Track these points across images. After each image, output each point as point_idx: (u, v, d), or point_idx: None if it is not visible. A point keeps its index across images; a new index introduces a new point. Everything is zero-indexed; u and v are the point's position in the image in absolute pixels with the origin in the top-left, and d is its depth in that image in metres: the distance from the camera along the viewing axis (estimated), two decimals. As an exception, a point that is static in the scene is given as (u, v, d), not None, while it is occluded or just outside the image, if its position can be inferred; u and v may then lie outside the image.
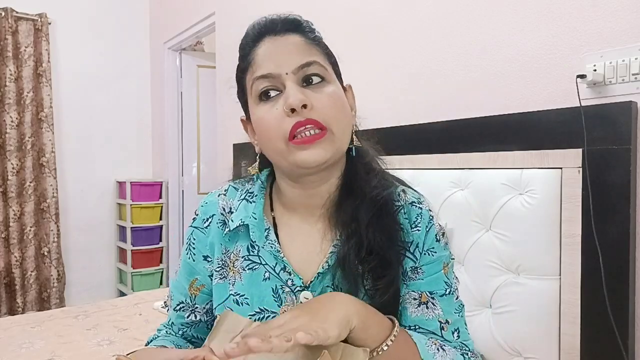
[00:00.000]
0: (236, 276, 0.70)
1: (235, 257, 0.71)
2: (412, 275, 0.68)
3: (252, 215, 0.70)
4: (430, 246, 0.69)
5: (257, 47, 0.67)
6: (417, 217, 0.69)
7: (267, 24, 0.68)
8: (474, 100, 1.56)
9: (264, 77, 0.64)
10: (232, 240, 0.72)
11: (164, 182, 3.84)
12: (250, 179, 0.76)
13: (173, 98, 3.78)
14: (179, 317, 0.78)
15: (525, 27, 1.41)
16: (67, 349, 1.57)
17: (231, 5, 2.91)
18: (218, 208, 0.74)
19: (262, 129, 0.65)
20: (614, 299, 1.11)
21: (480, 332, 1.40)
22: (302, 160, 0.62)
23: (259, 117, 0.65)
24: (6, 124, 3.30)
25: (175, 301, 0.78)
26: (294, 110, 0.61)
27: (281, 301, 0.67)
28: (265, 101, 0.65)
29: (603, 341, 1.13)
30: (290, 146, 0.62)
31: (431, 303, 0.68)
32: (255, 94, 0.65)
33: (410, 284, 0.69)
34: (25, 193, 3.39)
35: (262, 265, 0.69)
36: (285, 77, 0.63)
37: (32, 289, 3.41)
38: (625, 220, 1.12)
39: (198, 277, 0.75)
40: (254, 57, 0.66)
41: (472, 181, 1.43)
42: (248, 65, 0.67)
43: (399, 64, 1.83)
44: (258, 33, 0.68)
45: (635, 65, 1.16)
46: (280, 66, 0.63)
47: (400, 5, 1.81)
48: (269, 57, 0.65)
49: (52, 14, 3.49)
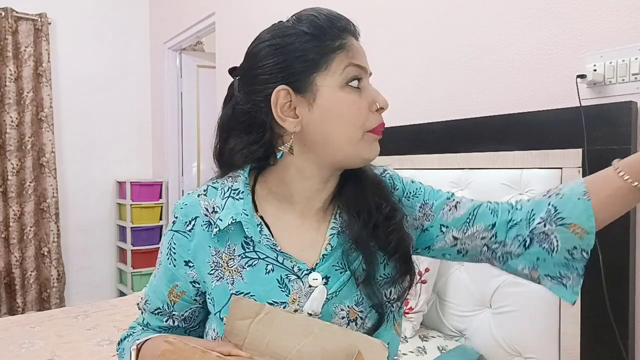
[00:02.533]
0: (234, 275, 0.68)
1: (228, 256, 0.69)
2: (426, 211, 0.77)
3: (243, 212, 0.68)
4: (411, 188, 0.80)
5: (349, 37, 0.69)
6: (390, 181, 0.79)
7: (351, 25, 0.71)
8: (474, 100, 1.56)
9: (360, 68, 0.67)
10: (221, 240, 0.69)
11: (164, 182, 3.84)
12: (229, 177, 0.73)
13: (173, 98, 3.78)
14: (156, 320, 0.75)
15: (525, 27, 1.41)
16: (67, 349, 1.57)
17: (231, 5, 2.91)
18: (200, 209, 0.71)
19: (344, 112, 0.66)
20: (614, 299, 1.11)
21: (480, 332, 1.40)
22: (372, 153, 0.69)
23: (347, 101, 0.66)
24: (6, 124, 3.30)
25: (152, 306, 0.75)
26: (381, 110, 0.69)
27: (288, 290, 0.66)
28: (353, 89, 0.67)
29: (603, 341, 1.13)
30: (365, 136, 0.68)
31: (455, 203, 0.77)
32: (345, 78, 0.66)
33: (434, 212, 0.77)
34: (25, 193, 3.39)
35: (261, 260, 0.68)
36: (367, 76, 0.70)
37: (32, 289, 3.41)
38: (625, 220, 1.12)
39: (179, 283, 0.72)
40: (350, 44, 0.68)
41: (472, 181, 1.43)
42: (342, 47, 0.67)
43: (399, 64, 1.83)
44: (345, 27, 0.69)
45: (635, 65, 1.16)
46: (367, 65, 0.70)
47: (400, 6, 1.82)
48: (362, 53, 0.69)
49: (52, 14, 3.49)
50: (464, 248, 0.75)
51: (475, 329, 1.42)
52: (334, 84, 0.66)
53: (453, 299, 1.50)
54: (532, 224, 0.69)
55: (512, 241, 0.71)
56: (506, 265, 0.74)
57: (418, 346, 1.39)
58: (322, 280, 0.67)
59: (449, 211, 0.76)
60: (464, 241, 0.75)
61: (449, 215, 0.75)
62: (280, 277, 0.67)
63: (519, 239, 0.70)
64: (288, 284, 0.67)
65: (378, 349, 0.55)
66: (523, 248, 0.70)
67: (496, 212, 0.74)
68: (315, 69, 0.66)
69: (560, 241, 0.66)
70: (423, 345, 1.40)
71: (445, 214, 0.76)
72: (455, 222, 0.75)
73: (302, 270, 0.67)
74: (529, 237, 0.69)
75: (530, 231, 0.69)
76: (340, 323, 0.66)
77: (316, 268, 0.68)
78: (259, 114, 0.69)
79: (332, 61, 0.66)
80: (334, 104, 0.66)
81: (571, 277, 0.68)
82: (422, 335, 1.46)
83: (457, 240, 0.75)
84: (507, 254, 0.72)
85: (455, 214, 0.75)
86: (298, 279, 0.67)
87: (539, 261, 0.69)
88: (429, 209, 0.77)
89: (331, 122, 0.66)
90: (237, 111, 0.72)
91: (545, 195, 0.71)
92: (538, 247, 0.68)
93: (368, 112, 0.68)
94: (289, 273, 0.67)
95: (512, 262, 0.72)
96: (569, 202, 0.66)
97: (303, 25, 0.67)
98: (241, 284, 0.67)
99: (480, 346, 1.40)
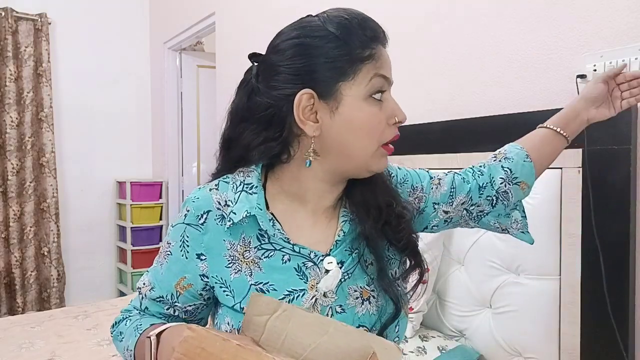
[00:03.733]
0: (252, 267, 0.69)
1: (243, 248, 0.69)
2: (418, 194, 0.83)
3: (257, 206, 0.69)
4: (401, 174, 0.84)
5: (379, 46, 0.68)
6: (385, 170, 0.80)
7: (381, 32, 0.70)
8: (474, 100, 1.56)
9: (386, 79, 0.68)
10: (235, 233, 0.70)
11: (164, 182, 3.84)
12: (241, 171, 0.73)
13: (173, 98, 3.78)
14: (157, 307, 0.74)
15: (525, 27, 1.41)
16: (67, 349, 1.57)
17: (231, 5, 2.91)
18: (213, 203, 0.71)
19: (364, 124, 0.66)
20: (614, 299, 1.11)
21: (480, 332, 1.40)
22: (380, 166, 0.71)
23: (368, 113, 0.66)
24: (6, 124, 3.30)
25: (154, 294, 0.74)
26: (399, 123, 0.69)
27: (306, 277, 0.68)
28: (376, 101, 0.67)
29: (603, 341, 1.13)
30: (380, 150, 0.69)
31: (438, 180, 0.84)
32: (371, 89, 0.66)
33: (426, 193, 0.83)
34: (25, 193, 3.39)
35: (277, 251, 0.69)
36: (390, 87, 0.70)
37: (32, 289, 3.41)
38: (625, 220, 1.12)
39: (187, 275, 0.72)
40: (379, 54, 0.67)
41: (472, 181, 1.43)
42: (371, 57, 0.66)
43: (399, 64, 1.83)
44: (375, 35, 0.68)
45: (635, 65, 1.16)
46: (391, 76, 0.70)
47: (400, 6, 1.82)
48: (388, 63, 0.69)
49: (52, 14, 3.49)
50: (450, 217, 0.85)
51: (475, 329, 1.42)
52: (358, 95, 0.66)
53: (453, 299, 1.50)
54: (496, 185, 0.84)
55: (484, 201, 0.84)
56: (480, 222, 0.87)
57: (418, 346, 1.39)
58: (336, 264, 0.69)
59: (436, 189, 0.83)
60: (451, 212, 0.84)
61: (437, 192, 0.83)
62: (297, 265, 0.68)
63: (488, 198, 0.84)
64: (305, 271, 0.68)
65: (393, 351, 0.56)
66: (491, 206, 0.84)
67: (467, 180, 0.85)
68: (342, 78, 0.65)
69: (513, 196, 0.84)
70: (423, 345, 1.40)
71: (433, 193, 0.83)
72: (442, 197, 0.83)
73: (317, 256, 0.69)
74: (494, 196, 0.84)
75: (496, 190, 0.83)
76: (354, 303, 0.69)
77: (330, 253, 0.70)
78: (279, 111, 0.68)
79: (360, 71, 0.66)
80: (356, 115, 0.66)
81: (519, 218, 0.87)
82: (422, 335, 1.46)
83: (446, 213, 0.84)
84: (480, 212, 0.85)
85: (441, 189, 0.83)
86: (315, 265, 0.69)
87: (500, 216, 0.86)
88: (420, 191, 0.83)
89: (350, 132, 0.67)
90: (254, 102, 0.70)
91: (496, 160, 0.86)
92: (500, 204, 0.84)
93: (386, 125, 0.68)
94: (305, 260, 0.69)
95: (485, 218, 0.86)
96: (518, 164, 0.84)
97: (333, 27, 0.65)
98: (259, 274, 0.68)
99: (480, 346, 1.40)
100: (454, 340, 1.45)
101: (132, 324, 0.73)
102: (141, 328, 0.70)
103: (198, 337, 0.55)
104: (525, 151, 0.86)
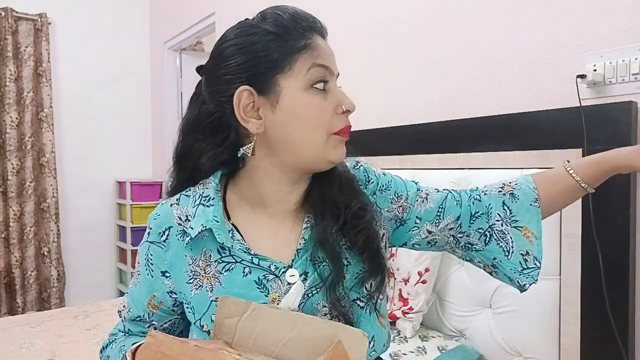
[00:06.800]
0: (212, 281, 0.67)
1: (205, 263, 0.68)
2: (402, 203, 0.78)
3: (214, 219, 0.67)
4: (384, 180, 0.80)
5: (314, 36, 0.66)
6: (364, 174, 0.79)
7: (317, 23, 0.68)
8: (474, 100, 1.56)
9: (325, 68, 0.66)
10: (195, 248, 0.68)
11: (164, 182, 3.83)
12: (201, 184, 0.72)
13: (173, 98, 3.78)
14: (137, 327, 0.75)
15: (525, 27, 1.41)
16: (67, 349, 1.57)
17: (231, 5, 2.91)
18: (174, 219, 0.70)
19: (308, 115, 0.65)
20: (614, 299, 1.11)
21: (480, 332, 1.40)
22: (337, 155, 0.68)
23: (310, 103, 0.65)
24: (6, 124, 3.30)
25: (132, 314, 0.75)
26: (347, 112, 0.67)
27: (267, 290, 0.66)
28: (318, 91, 0.65)
29: (603, 341, 1.13)
30: (331, 139, 0.66)
31: (425, 194, 0.79)
32: (310, 80, 0.65)
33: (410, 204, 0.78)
34: (25, 193, 3.39)
35: (238, 263, 0.67)
36: (333, 77, 0.68)
37: (32, 289, 3.41)
38: (625, 220, 1.12)
39: (156, 294, 0.72)
40: (316, 43, 0.66)
41: (472, 181, 1.43)
42: (307, 47, 0.65)
43: (399, 64, 1.83)
44: (310, 25, 0.67)
45: (635, 65, 1.16)
46: (334, 66, 0.68)
47: (401, 5, 1.81)
48: (328, 53, 0.67)
49: (52, 14, 3.49)
50: (434, 239, 0.79)
51: (475, 329, 1.42)
52: (297, 86, 0.64)
53: (453, 299, 1.50)
54: (491, 220, 0.75)
55: (474, 232, 0.76)
56: (467, 254, 0.79)
57: (418, 346, 1.39)
58: (299, 276, 0.66)
59: (422, 203, 0.78)
60: (436, 234, 0.78)
61: (422, 207, 0.78)
62: (257, 278, 0.66)
63: (479, 231, 0.76)
64: (266, 284, 0.66)
65: (358, 337, 0.57)
66: (483, 243, 0.76)
67: (460, 203, 0.78)
68: (279, 70, 0.64)
69: (515, 242, 0.74)
70: (423, 345, 1.40)
71: (418, 206, 0.78)
72: (427, 214, 0.78)
73: (278, 268, 0.66)
74: (488, 232, 0.75)
75: (490, 226, 0.75)
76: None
77: (293, 265, 0.67)
78: (223, 115, 0.68)
79: (296, 62, 0.64)
80: (298, 106, 0.65)
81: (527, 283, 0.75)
82: (422, 335, 1.46)
83: (430, 233, 0.78)
84: (469, 244, 0.77)
85: (427, 205, 0.78)
86: (276, 278, 0.66)
87: (496, 261, 0.75)
88: (404, 200, 0.78)
89: (294, 124, 0.65)
90: (201, 112, 0.70)
91: (501, 192, 0.77)
92: (496, 245, 0.75)
93: (333, 115, 0.66)
94: (266, 273, 0.66)
95: (473, 253, 0.78)
96: (522, 207, 0.74)
97: (267, 24, 0.65)
98: (220, 289, 0.67)
99: (480, 346, 1.40)
100: (454, 340, 1.45)
101: (117, 345, 0.73)
102: (124, 349, 0.70)
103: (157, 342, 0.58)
104: (536, 193, 0.74)
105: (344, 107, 0.67)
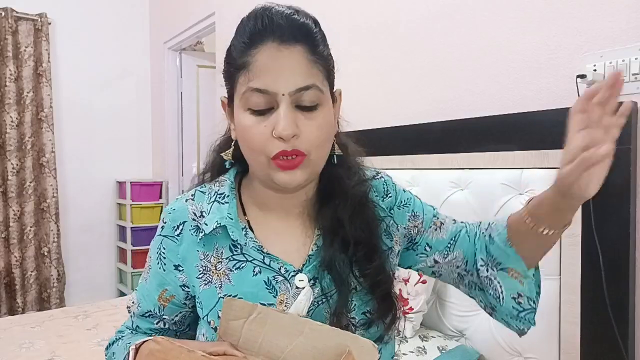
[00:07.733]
0: (222, 278, 0.67)
1: (216, 259, 0.68)
2: (417, 223, 0.76)
3: (228, 216, 0.67)
4: (403, 197, 0.77)
5: (257, 49, 0.60)
6: (384, 186, 0.76)
7: (273, 26, 0.59)
8: (474, 100, 1.56)
9: (259, 92, 0.60)
10: (208, 244, 0.69)
11: (164, 182, 3.84)
12: (217, 181, 0.73)
13: (173, 98, 3.78)
14: (146, 323, 0.75)
15: (525, 27, 1.41)
16: (67, 349, 1.57)
17: (231, 5, 2.91)
18: (188, 214, 0.70)
19: (246, 138, 0.63)
20: (614, 299, 1.11)
21: (480, 332, 1.40)
22: (282, 181, 0.63)
23: (245, 125, 0.62)
24: (6, 124, 3.30)
25: (142, 309, 0.74)
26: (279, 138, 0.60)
27: (276, 292, 0.65)
28: (254, 113, 0.61)
29: (603, 341, 1.13)
30: (271, 164, 0.62)
31: (440, 223, 0.76)
32: (245, 103, 0.61)
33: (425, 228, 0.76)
34: (25, 193, 3.39)
35: (249, 262, 0.67)
36: (281, 97, 0.59)
37: (32, 289, 3.41)
38: (625, 220, 1.12)
39: (168, 287, 0.72)
40: (253, 61, 0.60)
41: (472, 181, 1.43)
42: (244, 67, 0.61)
43: (400, 63, 1.83)
44: (260, 32, 0.60)
45: (635, 65, 1.16)
46: (278, 84, 0.59)
47: (401, 5, 1.81)
48: (269, 70, 0.59)
49: (52, 14, 3.49)
50: (439, 271, 0.77)
51: (475, 329, 1.42)
52: (239, 106, 0.63)
53: (453, 298, 1.50)
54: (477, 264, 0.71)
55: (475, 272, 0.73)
56: (471, 292, 0.76)
57: (418, 346, 1.39)
58: (308, 282, 0.65)
59: (435, 230, 0.76)
60: (442, 266, 0.76)
61: (434, 235, 0.76)
62: (267, 278, 0.66)
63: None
64: (275, 285, 0.66)
65: (368, 348, 0.56)
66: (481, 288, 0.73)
67: (473, 241, 0.74)
68: (230, 85, 0.66)
69: (503, 287, 0.68)
70: (423, 345, 1.40)
71: (431, 233, 0.76)
72: (438, 244, 0.76)
73: (288, 271, 0.66)
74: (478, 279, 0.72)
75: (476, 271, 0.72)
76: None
77: (303, 269, 0.66)
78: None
79: (237, 82, 0.63)
80: (239, 126, 0.64)
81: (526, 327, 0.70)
82: (422, 335, 1.46)
83: (437, 264, 0.76)
84: (473, 283, 0.74)
85: (439, 235, 0.76)
86: (285, 280, 0.66)
87: (493, 306, 0.71)
88: (420, 222, 0.76)
89: (241, 141, 0.65)
90: None
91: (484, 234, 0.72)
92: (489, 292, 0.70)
93: (269, 139, 0.60)
94: (275, 274, 0.66)
95: (476, 292, 0.74)
96: (498, 249, 0.68)
97: (237, 30, 0.64)
98: (229, 286, 0.67)
99: (480, 346, 1.40)
100: (454, 340, 1.45)
101: (124, 342, 0.73)
102: (130, 345, 0.69)
103: (163, 350, 0.57)
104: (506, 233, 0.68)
105: (274, 133, 0.60)
